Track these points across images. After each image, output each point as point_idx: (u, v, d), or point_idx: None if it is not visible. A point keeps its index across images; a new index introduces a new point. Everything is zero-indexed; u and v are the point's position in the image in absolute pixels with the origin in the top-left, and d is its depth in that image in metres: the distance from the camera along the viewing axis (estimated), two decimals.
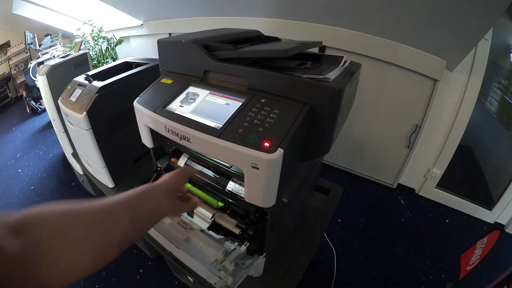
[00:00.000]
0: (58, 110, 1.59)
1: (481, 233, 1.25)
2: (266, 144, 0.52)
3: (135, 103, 0.74)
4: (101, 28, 2.68)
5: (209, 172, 0.75)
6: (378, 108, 1.88)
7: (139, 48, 3.00)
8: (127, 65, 1.33)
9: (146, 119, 0.71)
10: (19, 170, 2.46)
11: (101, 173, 1.18)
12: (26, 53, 3.95)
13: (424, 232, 1.76)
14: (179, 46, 0.72)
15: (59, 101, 1.13)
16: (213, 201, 0.77)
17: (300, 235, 0.95)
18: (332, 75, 0.60)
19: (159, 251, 0.61)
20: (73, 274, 0.31)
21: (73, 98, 1.07)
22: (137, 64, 1.28)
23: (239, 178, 0.69)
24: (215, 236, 0.77)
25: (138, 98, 0.75)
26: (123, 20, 2.80)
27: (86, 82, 1.09)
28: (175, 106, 0.67)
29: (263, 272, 0.80)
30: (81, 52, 1.80)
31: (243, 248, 0.71)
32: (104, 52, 2.68)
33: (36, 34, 3.03)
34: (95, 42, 2.63)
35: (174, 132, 0.63)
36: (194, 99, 0.68)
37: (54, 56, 2.44)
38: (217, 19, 2.14)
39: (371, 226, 1.79)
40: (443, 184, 1.94)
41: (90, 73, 1.16)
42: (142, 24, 2.72)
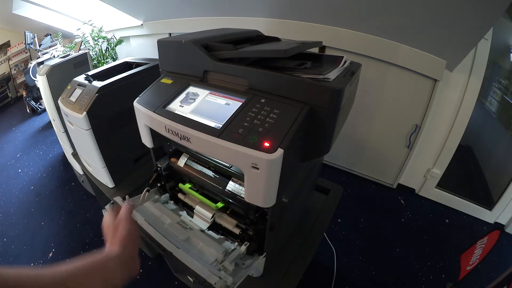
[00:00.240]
0: (58, 110, 1.59)
1: (481, 233, 1.25)
2: (266, 144, 0.52)
3: (135, 103, 0.74)
4: (101, 28, 2.68)
5: (209, 172, 0.75)
6: (378, 108, 1.88)
7: (139, 48, 3.00)
8: (127, 65, 1.33)
9: (146, 119, 0.71)
10: (19, 170, 2.46)
11: (101, 173, 1.18)
12: (26, 53, 3.96)
13: (424, 232, 1.76)
14: (179, 46, 0.72)
15: (59, 101, 1.13)
16: (211, 204, 0.77)
17: (300, 235, 0.95)
18: (332, 75, 0.60)
19: (159, 251, 0.61)
20: None
21: (73, 98, 1.07)
22: (137, 64, 1.28)
23: (239, 178, 0.69)
24: (215, 236, 0.77)
25: (138, 98, 0.75)
26: (123, 20, 2.80)
27: (86, 82, 1.08)
28: (175, 106, 0.67)
29: (263, 272, 0.80)
30: (81, 52, 1.80)
31: (243, 248, 0.71)
32: (104, 52, 2.68)
33: (36, 34, 3.03)
34: (95, 42, 2.63)
35: (174, 132, 0.63)
36: (194, 99, 0.68)
37: (54, 56, 2.43)
38: (217, 19, 2.14)
39: (371, 226, 1.79)
40: (443, 184, 1.94)
41: (90, 73, 1.16)
42: (142, 24, 2.72)
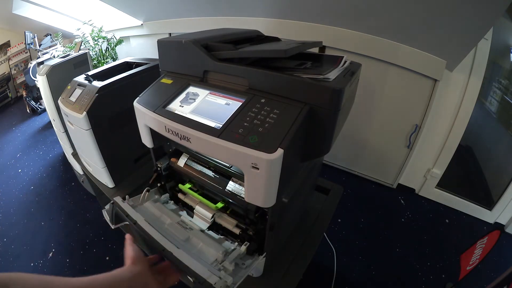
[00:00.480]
0: (58, 110, 1.59)
1: (481, 233, 1.25)
2: (266, 144, 0.51)
3: (135, 103, 0.74)
4: (101, 28, 2.68)
5: (209, 172, 0.75)
6: (378, 108, 1.88)
7: (139, 48, 3.00)
8: (127, 65, 1.33)
9: (146, 119, 0.71)
10: (19, 170, 2.46)
11: (101, 173, 1.18)
12: (26, 53, 3.96)
13: (424, 232, 1.76)
14: (179, 46, 0.72)
15: (59, 101, 1.13)
16: (211, 204, 0.77)
17: (300, 235, 0.95)
18: (332, 75, 0.60)
19: (159, 251, 0.61)
20: None
21: (73, 98, 1.07)
22: (137, 64, 1.28)
23: (239, 178, 0.69)
24: (215, 236, 0.77)
25: (138, 98, 0.75)
26: (123, 20, 2.80)
27: (86, 82, 1.08)
28: (175, 106, 0.67)
29: (263, 272, 0.80)
30: (81, 52, 1.80)
31: (243, 248, 0.71)
32: (104, 52, 2.68)
33: (36, 34, 3.03)
34: (95, 42, 2.63)
35: (174, 132, 0.63)
36: (194, 99, 0.68)
37: (54, 56, 2.43)
38: (217, 19, 2.14)
39: (371, 226, 1.79)
40: (443, 184, 1.94)
41: (90, 73, 1.16)
42: (142, 24, 2.72)
